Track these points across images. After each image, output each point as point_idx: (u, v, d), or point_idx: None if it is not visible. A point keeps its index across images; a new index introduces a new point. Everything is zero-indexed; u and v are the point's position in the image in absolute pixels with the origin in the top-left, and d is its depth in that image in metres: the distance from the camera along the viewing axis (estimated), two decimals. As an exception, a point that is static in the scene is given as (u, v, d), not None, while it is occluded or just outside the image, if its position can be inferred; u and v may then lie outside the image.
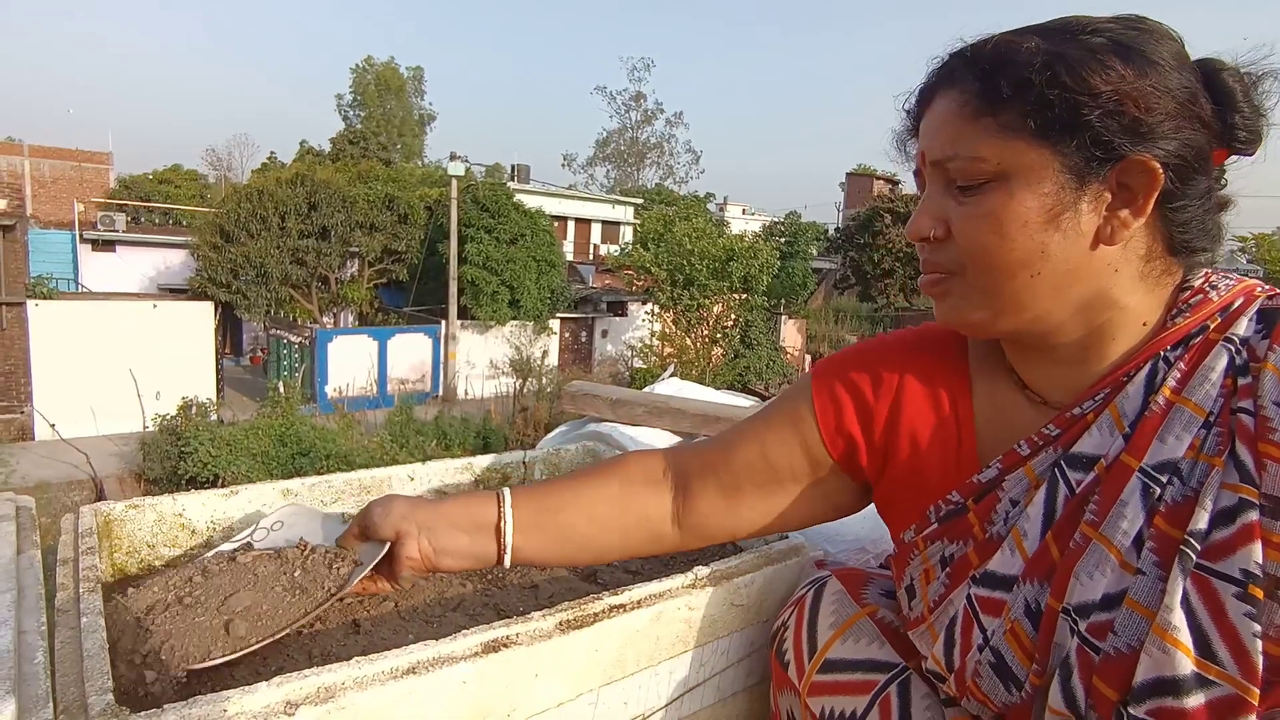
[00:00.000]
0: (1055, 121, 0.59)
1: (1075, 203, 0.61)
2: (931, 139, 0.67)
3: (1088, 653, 0.57)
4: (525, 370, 15.85)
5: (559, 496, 0.81)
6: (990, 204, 0.63)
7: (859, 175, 36.35)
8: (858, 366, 0.79)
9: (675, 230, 17.54)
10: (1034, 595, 0.61)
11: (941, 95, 0.66)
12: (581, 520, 0.80)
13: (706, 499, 0.82)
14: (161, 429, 11.15)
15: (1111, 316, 0.64)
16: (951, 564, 0.69)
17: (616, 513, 0.81)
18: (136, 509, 0.92)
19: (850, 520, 1.17)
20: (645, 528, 0.82)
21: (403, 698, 0.63)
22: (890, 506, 0.79)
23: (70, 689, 0.59)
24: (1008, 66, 0.61)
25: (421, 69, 35.34)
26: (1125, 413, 0.62)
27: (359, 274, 18.65)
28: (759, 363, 18.32)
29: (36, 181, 21.91)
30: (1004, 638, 0.62)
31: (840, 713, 0.74)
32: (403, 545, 0.77)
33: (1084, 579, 0.58)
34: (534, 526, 0.79)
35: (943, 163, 0.65)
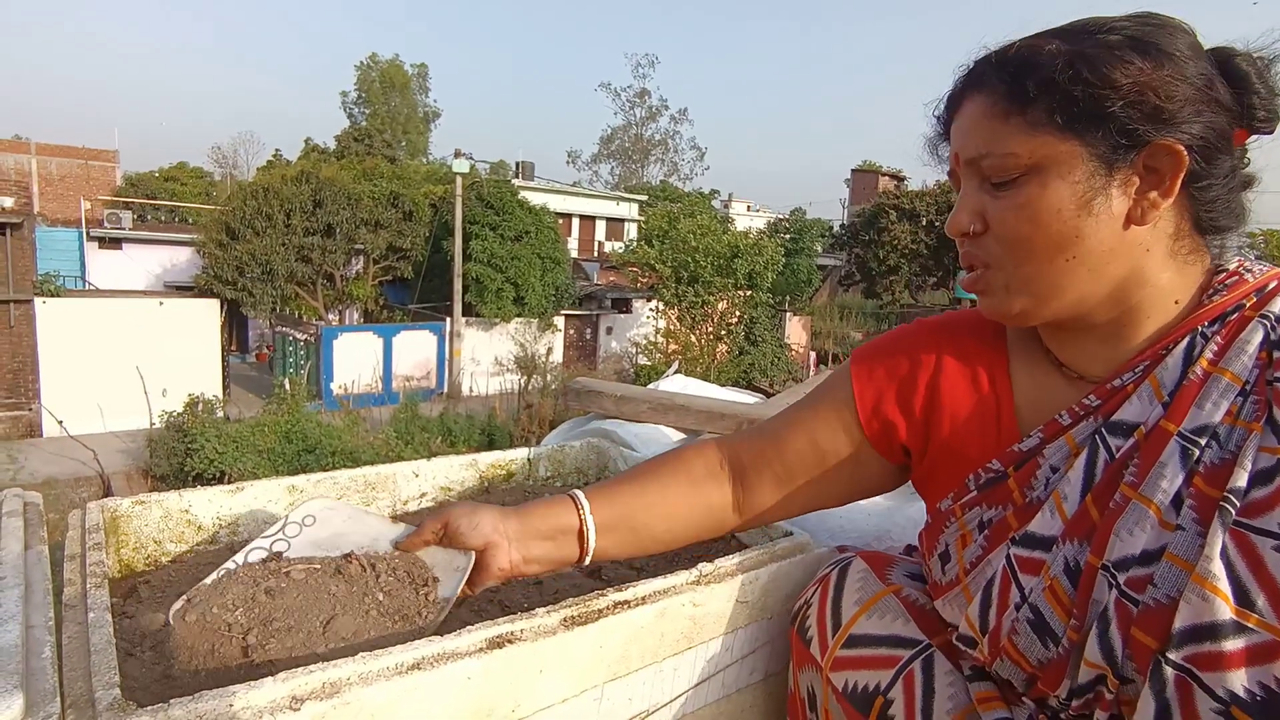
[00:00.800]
0: (1081, 115, 0.63)
1: (1105, 188, 0.64)
2: (964, 139, 0.70)
3: (1126, 605, 0.59)
4: (530, 367, 15.87)
5: (631, 496, 0.85)
6: (1024, 196, 0.66)
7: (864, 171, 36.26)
8: (896, 350, 0.83)
9: (680, 227, 17.53)
10: (1073, 554, 0.63)
11: (971, 99, 0.70)
12: (653, 517, 0.85)
13: (763, 488, 0.87)
14: (168, 426, 11.21)
15: (1145, 295, 0.67)
16: (990, 527, 0.71)
17: (684, 507, 0.86)
18: (143, 505, 0.92)
19: (858, 517, 1.17)
20: (710, 518, 0.88)
21: (407, 693, 0.63)
22: (929, 481, 0.81)
23: (78, 683, 0.60)
24: (1032, 68, 0.64)
25: (426, 66, 35.34)
26: (1164, 383, 0.64)
27: (364, 271, 18.69)
28: (763, 360, 18.31)
29: (43, 179, 22.00)
30: (1043, 594, 0.64)
31: (864, 687, 0.74)
32: (493, 556, 0.79)
33: (1123, 536, 0.60)
34: (611, 528, 0.83)
35: (977, 161, 0.69)
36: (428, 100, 35.51)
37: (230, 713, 0.57)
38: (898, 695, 0.72)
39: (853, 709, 0.75)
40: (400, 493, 1.11)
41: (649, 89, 45.37)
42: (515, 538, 0.80)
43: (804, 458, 0.85)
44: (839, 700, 0.76)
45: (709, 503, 0.87)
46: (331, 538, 0.83)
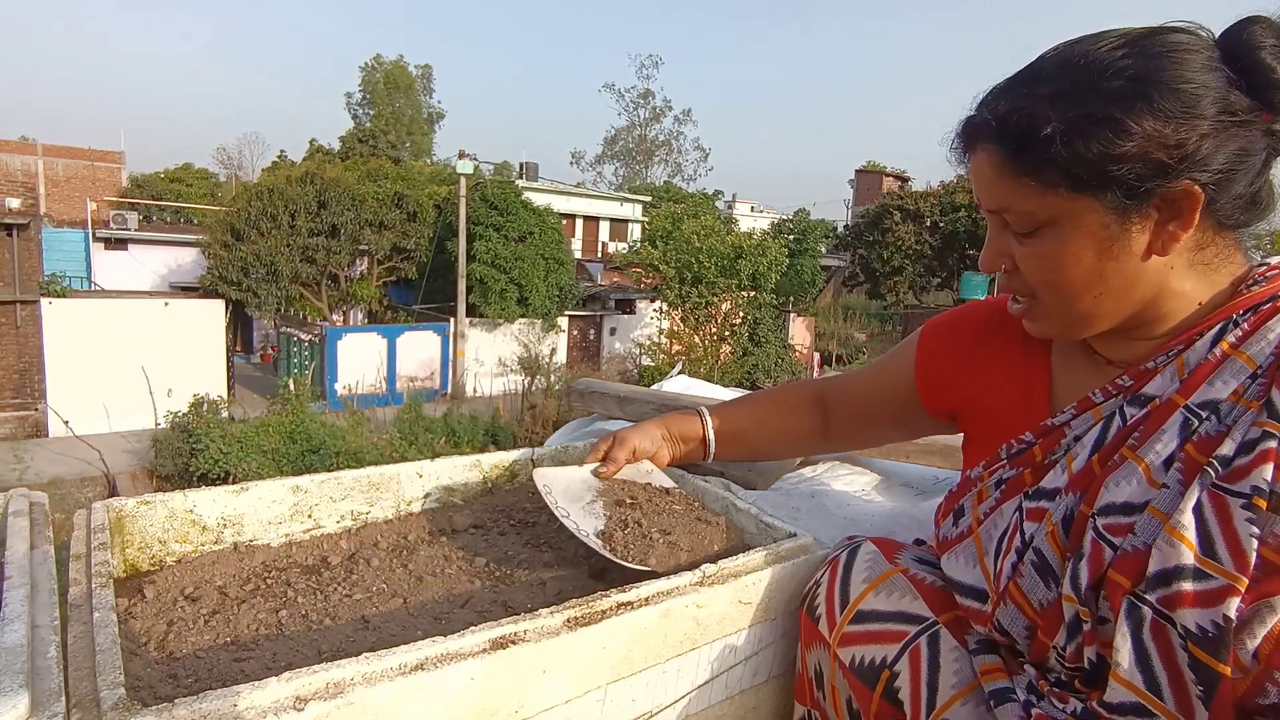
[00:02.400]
0: (1087, 182, 0.64)
1: (1123, 232, 0.66)
2: (982, 189, 0.73)
3: (1100, 545, 0.63)
4: (533, 368, 15.88)
5: (743, 417, 1.11)
6: (1045, 247, 0.69)
7: (868, 172, 36.21)
8: (958, 327, 0.92)
9: (684, 228, 17.53)
10: (1071, 504, 0.67)
11: (980, 148, 0.71)
12: (758, 436, 1.11)
13: (842, 421, 1.06)
14: (173, 426, 11.24)
15: (1172, 303, 0.70)
16: (1005, 484, 0.75)
17: (779, 428, 1.10)
18: (148, 505, 0.92)
19: (862, 518, 1.17)
20: (800, 439, 1.10)
21: (411, 694, 0.63)
22: (966, 448, 0.90)
23: (83, 683, 0.60)
24: (1031, 142, 0.65)
25: (430, 67, 35.41)
26: (1189, 363, 0.67)
27: (368, 272, 18.72)
28: (767, 360, 18.29)
29: (50, 180, 22.10)
30: (1045, 538, 0.68)
31: (870, 661, 0.75)
32: (660, 458, 1.11)
33: (1111, 488, 0.65)
34: (726, 439, 1.11)
35: (996, 213, 0.72)
36: (432, 101, 35.61)
37: (234, 712, 0.57)
38: (903, 669, 0.73)
39: (859, 683, 0.76)
40: (404, 493, 1.11)
41: (653, 90, 45.50)
42: (669, 441, 1.12)
43: (871, 403, 1.02)
44: (846, 675, 0.77)
45: (799, 428, 1.08)
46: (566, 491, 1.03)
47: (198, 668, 0.71)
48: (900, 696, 0.72)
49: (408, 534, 1.05)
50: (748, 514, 1.05)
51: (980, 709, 0.68)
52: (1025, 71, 0.69)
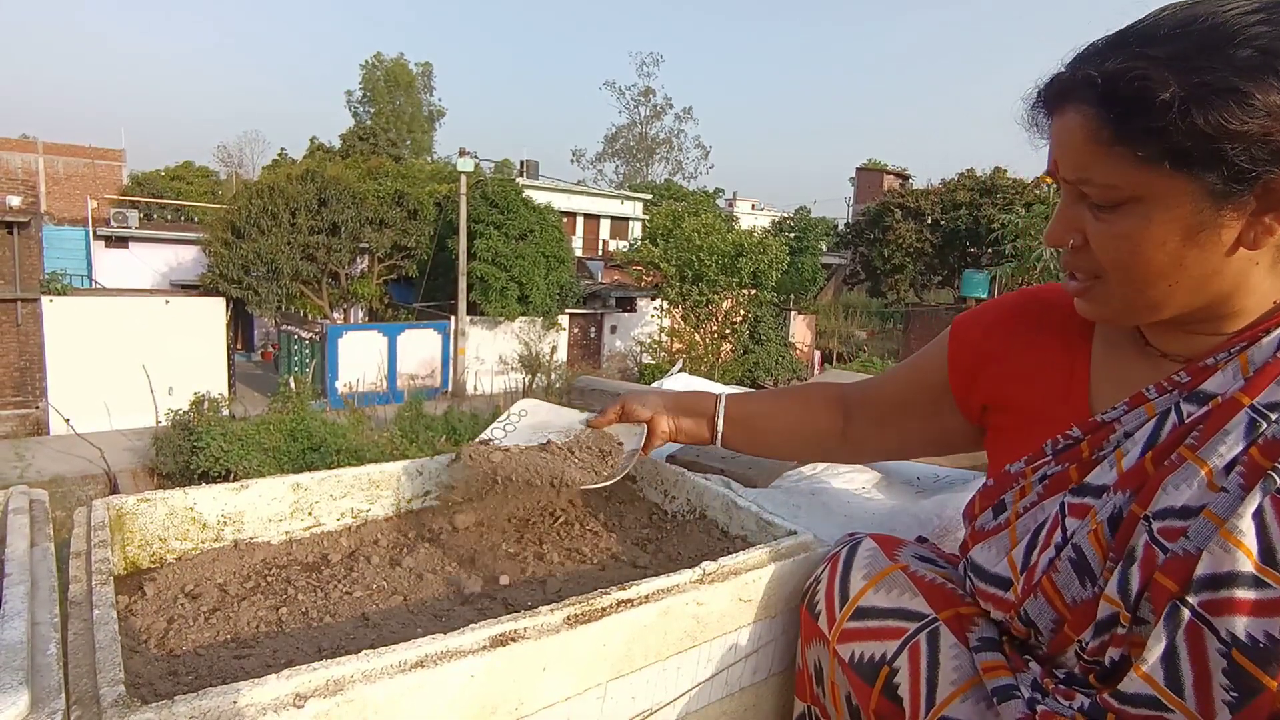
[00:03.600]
0: (1194, 160, 0.58)
1: (1215, 220, 0.60)
2: (1064, 156, 0.66)
3: (1153, 549, 0.61)
4: (534, 366, 15.89)
5: (757, 405, 1.08)
6: (1126, 225, 0.64)
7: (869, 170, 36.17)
8: (993, 319, 0.88)
9: (684, 226, 17.53)
10: (1120, 503, 0.65)
11: (1073, 108, 0.64)
12: (772, 429, 1.07)
13: (864, 425, 1.01)
14: (174, 424, 11.25)
15: (1246, 300, 0.66)
16: (1050, 479, 0.73)
17: (795, 425, 1.06)
18: (148, 503, 0.92)
19: (862, 515, 1.17)
20: (817, 440, 1.05)
21: (411, 691, 0.63)
22: (997, 443, 0.86)
23: (83, 680, 0.60)
24: (1142, 108, 0.59)
25: (430, 65, 35.41)
26: (1254, 361, 0.64)
27: (369, 270, 18.72)
28: (768, 358, 18.29)
29: (50, 178, 22.10)
30: (1086, 536, 0.66)
31: (869, 657, 0.75)
32: (657, 424, 1.08)
33: (1170, 490, 0.62)
34: (736, 424, 1.07)
35: (1075, 183, 0.66)
36: (432, 99, 35.61)
37: (234, 709, 0.57)
38: (903, 665, 0.73)
39: (858, 679, 0.76)
40: (404, 491, 1.11)
41: (653, 87, 45.43)
42: (671, 411, 1.09)
43: (897, 402, 0.97)
44: (845, 671, 0.77)
45: (817, 427, 1.04)
46: (541, 425, 1.12)
47: (198, 665, 0.71)
48: (899, 693, 0.72)
49: (408, 532, 1.05)
50: (748, 512, 1.05)
51: (980, 706, 0.68)
52: (1137, 28, 0.62)
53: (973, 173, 24.64)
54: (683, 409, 1.08)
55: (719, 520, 1.11)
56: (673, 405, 1.09)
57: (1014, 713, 0.65)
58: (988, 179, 24.13)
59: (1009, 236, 5.86)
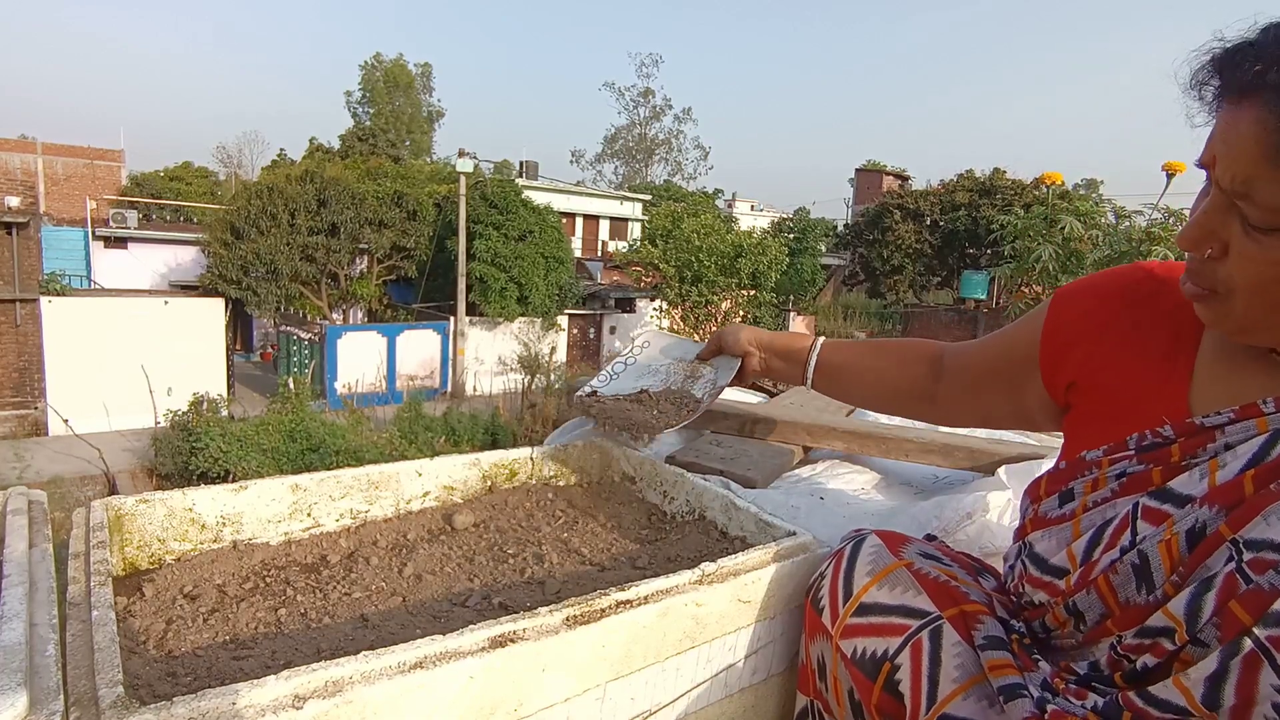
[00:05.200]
0: None
1: None
2: (1228, 159, 0.58)
3: (1236, 578, 0.57)
4: (533, 366, 15.87)
5: (851, 354, 1.10)
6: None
7: (868, 171, 36.18)
8: (1098, 294, 0.82)
9: (683, 226, 17.54)
10: (1206, 518, 0.60)
11: (1253, 102, 0.55)
12: (862, 383, 1.09)
13: (955, 390, 1.00)
14: (173, 424, 11.24)
15: None
16: (1128, 477, 0.69)
17: (887, 380, 1.06)
18: (147, 504, 0.92)
19: (862, 517, 1.17)
20: (907, 397, 1.05)
21: (410, 692, 0.63)
22: (1078, 426, 0.82)
23: (81, 681, 0.60)
24: None
25: (430, 65, 35.38)
26: None
27: (368, 270, 18.72)
28: (767, 359, 18.26)
29: (49, 179, 22.08)
30: (1156, 545, 0.62)
31: (871, 653, 0.75)
32: (749, 360, 1.18)
33: (1272, 520, 0.57)
34: (828, 373, 1.10)
35: (1230, 194, 0.58)
36: (432, 100, 35.58)
37: (232, 710, 0.57)
38: (904, 662, 0.72)
39: (860, 674, 0.75)
40: (403, 492, 1.11)
41: (653, 88, 45.43)
42: (763, 349, 1.17)
43: (986, 369, 0.95)
44: (847, 666, 0.77)
45: (909, 387, 1.03)
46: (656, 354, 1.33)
47: (196, 666, 0.71)
48: (901, 689, 0.72)
49: (407, 532, 1.05)
50: (747, 513, 1.05)
51: (982, 704, 0.68)
52: None
53: (972, 174, 24.67)
54: (777, 349, 1.15)
55: (718, 521, 1.11)
56: (767, 344, 1.16)
57: (1021, 711, 0.65)
58: (987, 180, 24.16)
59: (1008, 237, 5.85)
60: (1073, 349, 0.81)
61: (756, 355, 1.15)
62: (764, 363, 1.15)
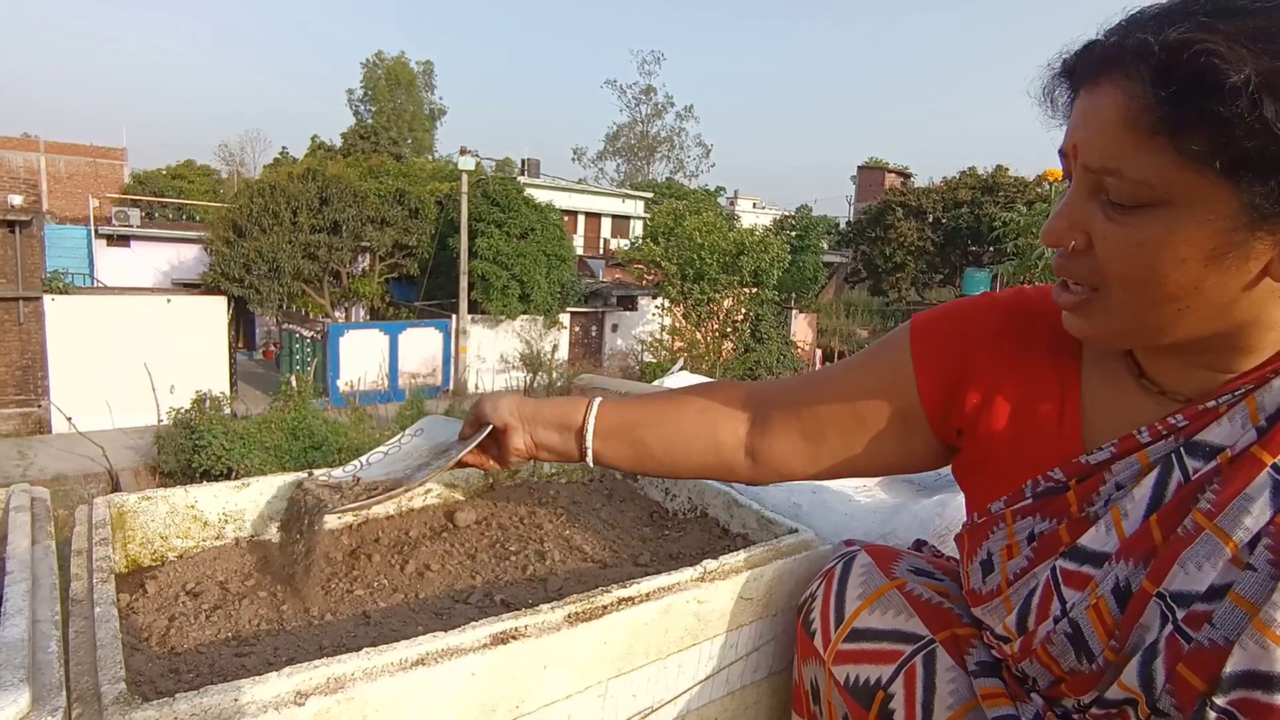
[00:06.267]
0: (1250, 164, 0.49)
1: (1246, 241, 0.52)
2: (1088, 138, 0.56)
3: (1178, 641, 0.55)
4: (535, 364, 15.88)
5: (642, 413, 0.86)
6: (1146, 232, 0.54)
7: (870, 168, 36.13)
8: (962, 324, 0.75)
9: (685, 224, 17.52)
10: (1125, 575, 0.59)
11: (1111, 82, 0.54)
12: (656, 438, 0.85)
13: (787, 439, 0.82)
14: (176, 422, 11.25)
15: (1261, 336, 0.58)
16: (1038, 539, 0.66)
17: (689, 434, 0.85)
18: (149, 501, 0.93)
19: (862, 515, 1.17)
20: (716, 455, 0.85)
21: (412, 689, 0.63)
22: (974, 474, 0.75)
23: (84, 677, 0.60)
24: (1207, 92, 0.49)
25: (432, 63, 35.35)
26: (1264, 406, 0.57)
27: (370, 268, 18.72)
28: (769, 357, 18.26)
29: (52, 177, 22.10)
30: (1085, 611, 0.60)
31: (865, 680, 0.74)
32: (511, 437, 0.87)
33: (1190, 568, 0.55)
34: (612, 435, 0.86)
35: (1098, 173, 0.56)
36: (433, 97, 35.56)
37: (235, 706, 0.57)
38: (898, 690, 0.72)
39: (854, 702, 0.75)
40: (405, 489, 1.11)
41: (655, 86, 45.46)
42: (529, 422, 0.87)
43: (840, 417, 0.79)
44: (841, 693, 0.77)
45: (718, 438, 0.84)
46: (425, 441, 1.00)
47: (199, 663, 0.71)
48: (895, 718, 0.71)
49: (409, 530, 1.05)
50: (749, 510, 1.05)
51: None
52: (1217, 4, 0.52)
53: (974, 171, 24.62)
54: (544, 419, 0.87)
55: (720, 518, 1.11)
56: (532, 415, 0.87)
57: None
58: (989, 177, 24.11)
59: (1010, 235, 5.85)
60: (960, 389, 0.73)
61: (520, 430, 0.86)
62: (531, 437, 0.87)
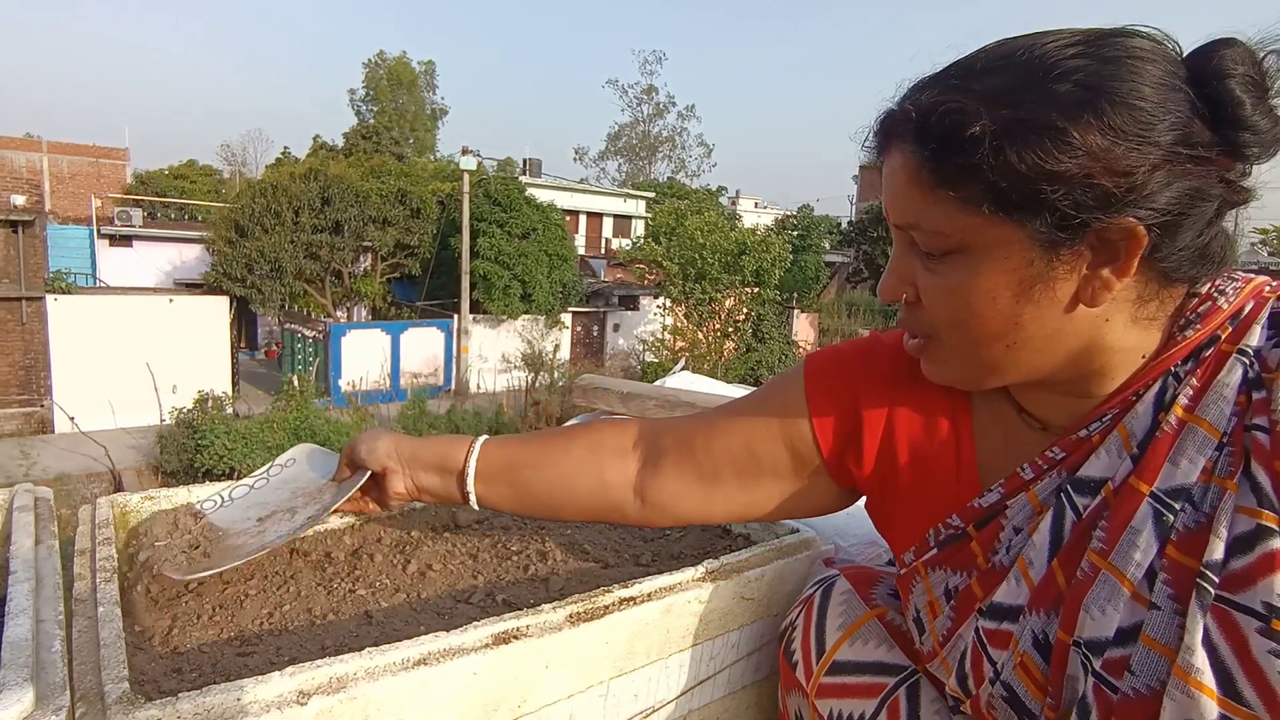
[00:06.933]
0: (1014, 204, 0.54)
1: (1047, 272, 0.55)
2: (891, 201, 0.62)
3: (1105, 693, 0.54)
4: (537, 364, 15.89)
5: (525, 453, 0.84)
6: (955, 277, 0.59)
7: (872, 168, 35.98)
8: (855, 366, 0.76)
9: (687, 224, 17.50)
10: (1041, 626, 0.59)
11: (895, 146, 0.61)
12: (540, 479, 0.83)
13: (680, 480, 0.80)
14: (178, 422, 11.28)
15: (1107, 359, 0.59)
16: (956, 596, 0.66)
17: (575, 476, 0.82)
18: (152, 500, 0.93)
19: (863, 513, 1.16)
20: (603, 496, 0.82)
21: (414, 688, 0.63)
22: (888, 524, 0.76)
23: (87, 677, 0.60)
24: (955, 144, 0.54)
25: (433, 63, 35.34)
26: (1134, 433, 0.58)
27: (372, 268, 18.74)
28: (771, 357, 18.26)
29: (55, 177, 22.12)
30: (1014, 671, 0.60)
31: (848, 715, 0.74)
32: (390, 481, 0.85)
33: (1095, 613, 0.55)
34: (495, 478, 0.83)
35: (904, 229, 0.62)
36: (435, 97, 35.55)
37: (238, 706, 0.57)
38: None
39: None
40: (407, 489, 1.11)
41: (656, 85, 45.46)
42: (408, 465, 0.85)
43: (734, 457, 0.78)
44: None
45: (604, 478, 0.81)
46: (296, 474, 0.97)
47: (201, 662, 0.71)
48: None
49: (411, 529, 1.05)
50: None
51: None
52: (961, 62, 0.58)
53: (976, 170, 24.53)
54: (424, 461, 0.84)
55: (721, 518, 1.10)
56: (410, 456, 0.84)
57: None
58: (991, 177, 24.02)
59: (1012, 234, 5.85)
60: (857, 433, 0.74)
61: (401, 473, 0.84)
62: (411, 479, 0.85)
